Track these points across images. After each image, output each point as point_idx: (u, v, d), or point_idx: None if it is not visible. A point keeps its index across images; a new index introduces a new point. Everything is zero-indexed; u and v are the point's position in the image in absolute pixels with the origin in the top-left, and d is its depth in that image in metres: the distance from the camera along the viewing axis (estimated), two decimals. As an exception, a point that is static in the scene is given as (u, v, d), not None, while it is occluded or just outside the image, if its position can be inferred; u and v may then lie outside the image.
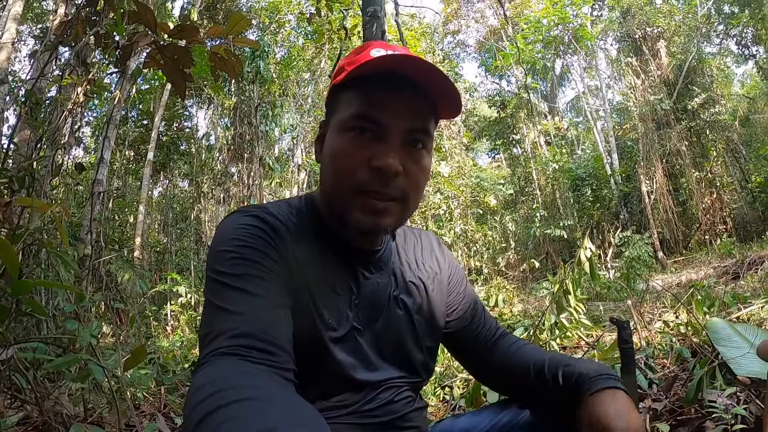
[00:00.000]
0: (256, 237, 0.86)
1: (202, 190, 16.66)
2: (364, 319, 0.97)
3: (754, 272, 8.37)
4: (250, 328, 0.74)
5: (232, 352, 0.71)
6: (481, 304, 1.20)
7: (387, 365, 0.99)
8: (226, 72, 2.97)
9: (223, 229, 0.89)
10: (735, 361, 2.21)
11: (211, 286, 0.82)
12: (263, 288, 0.81)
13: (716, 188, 16.78)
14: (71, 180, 6.05)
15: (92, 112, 16.12)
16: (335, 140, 0.90)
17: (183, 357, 5.92)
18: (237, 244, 0.85)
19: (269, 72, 14.10)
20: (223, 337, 0.73)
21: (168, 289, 10.88)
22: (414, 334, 1.03)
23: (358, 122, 0.87)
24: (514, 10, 23.32)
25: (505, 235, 18.10)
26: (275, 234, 0.89)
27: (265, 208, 0.93)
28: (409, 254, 1.10)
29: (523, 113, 21.04)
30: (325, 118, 0.98)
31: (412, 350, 1.02)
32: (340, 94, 0.92)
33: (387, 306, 1.00)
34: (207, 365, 0.70)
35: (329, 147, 0.91)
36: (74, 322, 1.77)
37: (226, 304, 0.78)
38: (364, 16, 3.15)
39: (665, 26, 18.14)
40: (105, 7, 3.62)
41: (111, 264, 6.44)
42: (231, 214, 0.93)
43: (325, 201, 0.96)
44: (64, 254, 2.03)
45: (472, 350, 1.15)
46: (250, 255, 0.84)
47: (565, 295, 3.66)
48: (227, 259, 0.83)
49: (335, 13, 5.96)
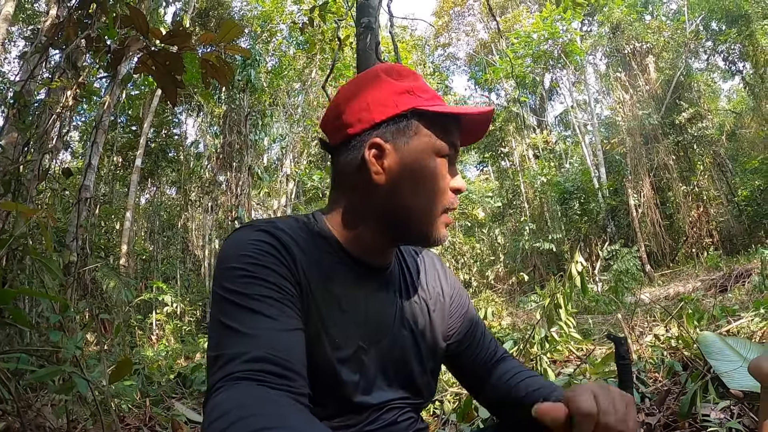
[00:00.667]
0: (267, 254, 0.85)
1: (190, 198, 16.59)
2: (370, 338, 0.95)
3: (742, 285, 8.44)
4: (266, 352, 0.73)
5: (248, 377, 0.70)
6: (483, 325, 1.18)
7: (390, 386, 0.98)
8: (217, 79, 2.94)
9: (232, 245, 0.87)
10: (728, 375, 2.21)
11: (221, 305, 0.80)
12: (276, 310, 0.80)
13: (703, 202, 17.00)
14: (58, 185, 5.96)
15: (81, 116, 16.02)
16: (430, 163, 0.92)
17: (168, 367, 5.84)
18: (248, 261, 0.83)
19: (260, 81, 14.11)
20: (238, 361, 0.72)
21: (154, 297, 10.78)
22: (418, 355, 1.02)
23: (449, 149, 0.94)
24: (505, 25, 23.59)
25: (493, 248, 18.17)
26: (286, 251, 0.87)
27: (275, 223, 0.91)
28: (413, 274, 1.09)
29: (512, 126, 21.23)
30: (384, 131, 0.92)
31: (415, 371, 1.01)
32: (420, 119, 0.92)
33: (392, 325, 0.99)
34: (224, 390, 0.69)
35: (421, 169, 0.92)
36: (58, 333, 1.71)
37: (238, 325, 0.76)
38: (357, 27, 3.13)
39: (654, 42, 18.44)
40: (97, 11, 3.59)
41: (96, 271, 6.34)
42: (240, 229, 0.91)
43: (398, 217, 0.94)
44: (48, 261, 1.98)
45: (471, 372, 1.14)
46: (261, 274, 0.82)
47: (555, 308, 3.65)
48: (238, 277, 0.81)
49: (328, 23, 5.97)
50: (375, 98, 0.92)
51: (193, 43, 2.85)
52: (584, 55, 20.03)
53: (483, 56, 25.83)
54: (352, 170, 0.93)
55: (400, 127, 0.91)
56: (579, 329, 4.74)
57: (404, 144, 0.91)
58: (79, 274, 4.65)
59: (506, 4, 25.89)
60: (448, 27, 29.22)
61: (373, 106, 0.92)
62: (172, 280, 13.98)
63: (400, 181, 0.91)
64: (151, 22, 3.93)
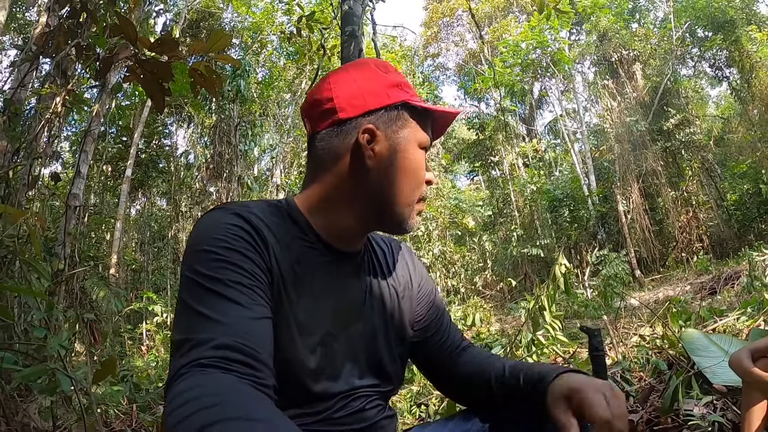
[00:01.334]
0: (239, 239, 0.84)
1: (181, 209, 16.50)
2: (339, 324, 0.95)
3: (731, 287, 8.47)
4: (233, 339, 0.72)
5: (214, 364, 0.69)
6: (448, 316, 1.20)
7: (360, 373, 0.98)
8: (206, 89, 2.96)
9: (205, 227, 0.87)
10: (710, 370, 2.23)
11: (190, 288, 0.79)
12: (246, 297, 0.79)
13: (692, 207, 17.11)
14: (47, 192, 5.94)
15: (71, 126, 15.95)
16: (415, 154, 0.98)
17: (157, 377, 5.80)
18: (220, 245, 0.82)
19: (250, 91, 14.13)
20: (204, 347, 0.71)
21: (143, 307, 10.71)
22: (388, 341, 1.03)
23: (426, 144, 1.00)
24: (494, 34, 23.82)
25: (483, 256, 18.20)
26: (258, 236, 0.87)
27: (248, 207, 0.91)
28: (381, 260, 1.10)
29: (502, 135, 21.31)
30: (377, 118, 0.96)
31: (385, 357, 1.02)
32: (407, 111, 0.98)
33: (362, 311, 1.00)
34: (189, 376, 0.68)
35: (407, 157, 0.97)
36: (42, 330, 1.72)
37: (206, 310, 0.75)
38: (342, 36, 3.18)
39: (641, 49, 18.65)
40: (87, 20, 3.62)
41: (85, 280, 6.31)
42: (213, 211, 0.91)
43: (375, 201, 0.97)
44: (36, 263, 1.99)
45: (436, 361, 1.15)
46: (233, 258, 0.81)
47: (540, 311, 3.68)
48: (209, 260, 0.80)
49: (316, 34, 6.02)
50: (368, 87, 0.96)
51: (183, 52, 2.88)
52: (572, 64, 20.22)
53: (472, 66, 26.01)
54: (340, 154, 0.95)
55: (392, 116, 0.96)
56: (567, 333, 4.77)
57: (394, 133, 0.96)
58: (68, 282, 4.63)
59: (494, 14, 26.15)
60: (437, 37, 29.45)
61: (367, 95, 0.96)
62: (163, 291, 13.88)
63: (388, 167, 0.95)
64: (142, 32, 3.96)
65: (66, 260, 4.71)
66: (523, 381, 0.98)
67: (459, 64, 29.55)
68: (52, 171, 5.61)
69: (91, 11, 3.56)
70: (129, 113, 15.64)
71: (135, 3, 4.80)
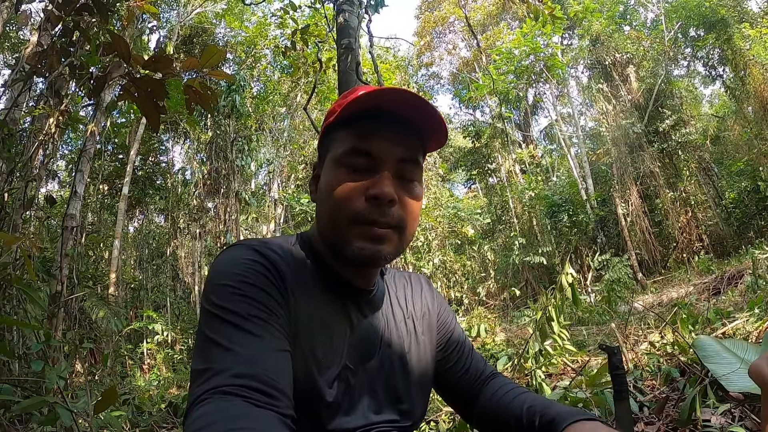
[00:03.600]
0: (258, 274, 0.84)
1: (179, 226, 16.47)
2: (356, 360, 0.94)
3: (734, 286, 8.45)
4: (253, 369, 0.72)
5: (234, 392, 0.68)
6: (470, 344, 1.18)
7: (379, 409, 0.96)
8: (201, 105, 2.94)
9: (224, 262, 0.87)
10: (726, 378, 2.19)
11: (209, 321, 0.79)
12: (265, 330, 0.79)
13: (691, 207, 17.10)
14: (42, 213, 5.89)
15: (67, 145, 15.93)
16: (331, 175, 0.91)
17: (159, 397, 5.75)
18: (239, 279, 0.82)
19: (245, 106, 14.17)
20: (224, 375, 0.71)
21: (144, 326, 10.65)
22: (406, 377, 1.01)
23: (351, 157, 0.89)
24: (486, 42, 23.90)
25: (484, 265, 18.16)
26: (276, 271, 0.87)
27: (267, 243, 0.92)
28: (399, 295, 1.09)
29: (498, 143, 21.33)
30: (319, 160, 0.99)
31: (403, 394, 1.00)
32: (332, 133, 0.94)
33: (380, 347, 0.99)
34: (209, 402, 0.67)
35: (325, 183, 0.92)
36: (40, 363, 1.66)
37: (225, 341, 0.75)
38: (338, 48, 3.15)
39: (634, 52, 18.72)
40: (80, 38, 3.59)
41: (84, 301, 6.24)
42: (232, 247, 0.91)
43: (322, 236, 0.95)
44: (31, 290, 1.93)
45: (459, 390, 1.13)
46: (252, 293, 0.81)
47: (548, 321, 3.64)
48: (228, 294, 0.81)
49: (310, 47, 6.01)
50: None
51: (177, 68, 2.85)
52: (566, 69, 20.29)
53: (466, 74, 26.10)
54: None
55: (322, 149, 0.98)
56: (573, 341, 4.73)
57: (322, 163, 0.96)
58: (66, 304, 4.57)
59: (486, 21, 26.29)
60: (430, 46, 29.60)
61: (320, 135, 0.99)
62: (163, 309, 13.83)
63: (318, 203, 0.95)
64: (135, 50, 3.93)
65: (64, 282, 4.65)
66: (537, 425, 0.95)
67: (453, 73, 29.67)
68: (48, 193, 5.56)
69: (84, 30, 3.53)
70: (125, 131, 15.65)
71: (128, 21, 4.78)
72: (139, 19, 7.52)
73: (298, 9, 6.91)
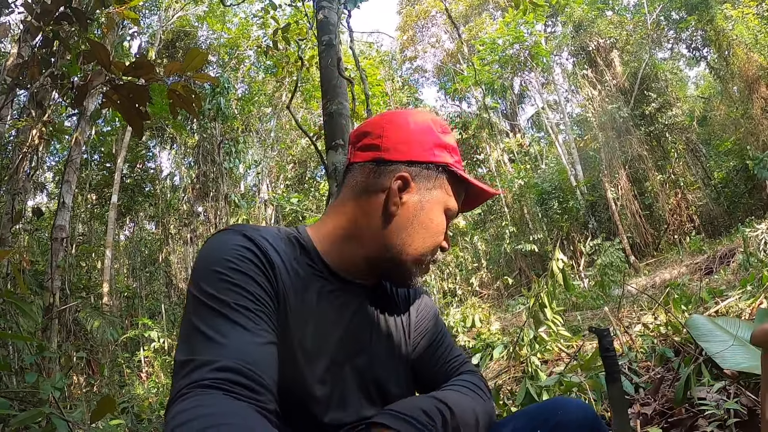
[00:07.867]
0: (248, 261, 0.84)
1: (170, 232, 16.40)
2: (345, 353, 0.95)
3: (726, 265, 8.52)
4: (236, 362, 0.72)
5: (216, 386, 0.69)
6: (450, 341, 1.15)
7: (370, 403, 0.97)
8: (186, 109, 2.93)
9: (214, 247, 0.87)
10: (720, 355, 2.21)
11: (197, 308, 0.79)
12: (251, 321, 0.78)
13: (680, 188, 17.23)
14: (30, 226, 5.85)
15: (54, 156, 15.78)
16: (436, 212, 0.99)
17: (159, 404, 5.73)
18: (228, 266, 0.82)
19: (230, 108, 14.08)
20: (206, 369, 0.70)
21: (140, 334, 10.61)
22: (396, 374, 1.03)
23: (452, 212, 1.02)
24: (469, 33, 23.89)
25: (476, 255, 18.21)
26: (267, 260, 0.87)
27: (258, 230, 0.92)
28: (392, 292, 1.10)
29: (485, 133, 21.37)
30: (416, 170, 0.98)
31: (392, 389, 1.01)
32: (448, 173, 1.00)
33: (369, 342, 1.00)
34: (190, 397, 0.67)
35: (426, 212, 0.98)
36: (33, 375, 1.66)
37: (210, 331, 0.75)
38: (319, 46, 3.14)
39: (617, 36, 18.78)
40: (60, 48, 3.56)
41: (79, 312, 6.21)
42: (223, 232, 0.91)
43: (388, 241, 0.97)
44: (22, 303, 1.92)
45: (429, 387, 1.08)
46: (241, 281, 0.81)
47: (541, 308, 3.66)
48: (217, 281, 0.80)
49: (293, 46, 5.98)
50: (417, 139, 0.98)
51: (159, 73, 2.83)
52: (550, 56, 20.33)
53: (450, 66, 26.08)
54: (369, 190, 0.97)
55: (430, 174, 0.98)
56: (568, 326, 4.75)
57: (426, 189, 0.98)
58: (60, 315, 4.54)
59: (468, 12, 26.26)
60: (413, 40, 29.51)
61: (415, 145, 0.98)
62: (158, 316, 13.75)
63: (410, 219, 0.97)
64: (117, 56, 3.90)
65: (57, 293, 4.62)
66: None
67: (437, 66, 29.62)
68: (35, 205, 5.52)
69: (64, 39, 3.50)
70: (110, 139, 15.52)
71: (108, 28, 4.74)
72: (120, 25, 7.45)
73: (278, 8, 6.89)
